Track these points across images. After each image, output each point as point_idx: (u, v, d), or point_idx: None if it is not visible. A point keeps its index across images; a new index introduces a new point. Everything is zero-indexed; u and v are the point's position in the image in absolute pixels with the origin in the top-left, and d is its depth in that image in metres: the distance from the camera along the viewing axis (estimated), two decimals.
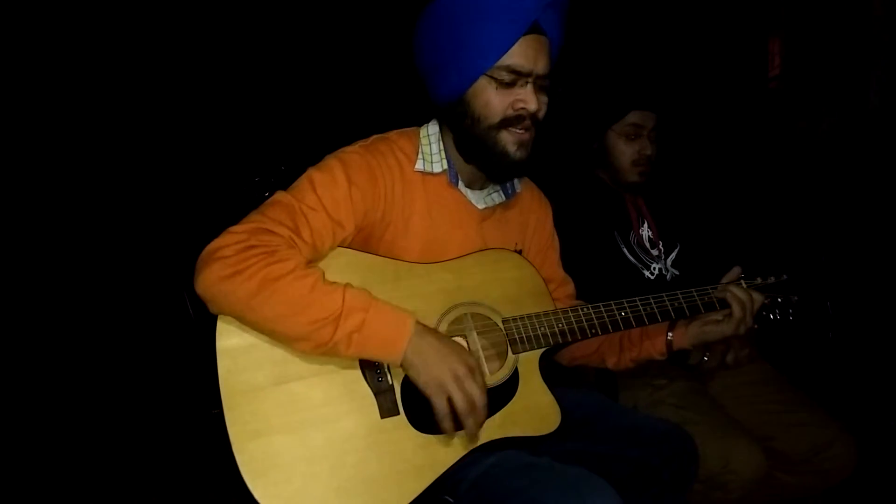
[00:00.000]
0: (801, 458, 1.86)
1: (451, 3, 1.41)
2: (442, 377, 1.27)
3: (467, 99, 1.44)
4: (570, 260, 1.79)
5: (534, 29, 1.41)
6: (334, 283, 1.28)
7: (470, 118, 1.45)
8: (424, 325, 1.31)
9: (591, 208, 2.09)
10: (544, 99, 1.46)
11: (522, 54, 1.40)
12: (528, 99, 1.42)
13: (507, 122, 1.44)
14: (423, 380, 1.28)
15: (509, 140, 1.45)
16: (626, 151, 2.11)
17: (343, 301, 1.25)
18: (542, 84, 1.45)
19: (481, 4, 1.38)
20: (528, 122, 1.45)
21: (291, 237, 1.30)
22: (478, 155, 1.49)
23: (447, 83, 1.45)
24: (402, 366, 1.29)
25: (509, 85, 1.42)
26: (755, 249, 3.10)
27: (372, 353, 1.29)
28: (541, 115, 1.46)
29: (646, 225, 2.14)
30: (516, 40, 1.39)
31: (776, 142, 3.63)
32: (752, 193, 3.58)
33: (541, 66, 1.43)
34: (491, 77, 1.41)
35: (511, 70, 1.40)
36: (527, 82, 1.42)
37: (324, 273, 1.30)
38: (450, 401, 1.27)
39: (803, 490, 1.92)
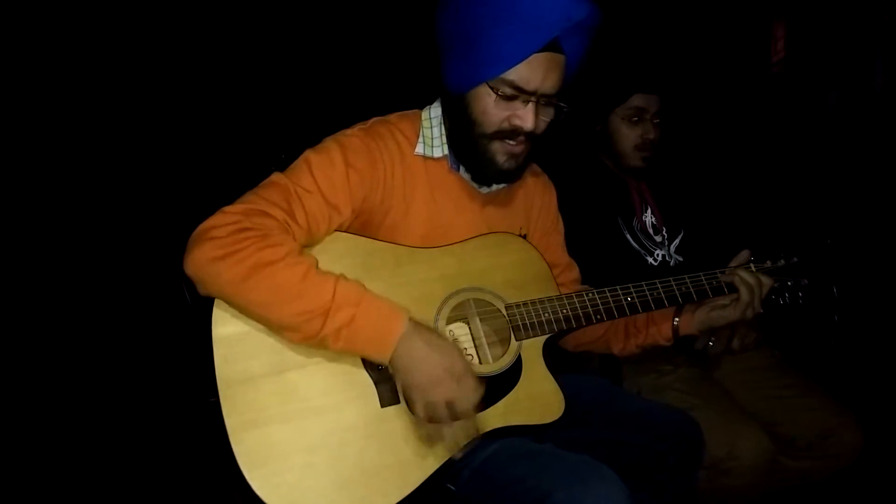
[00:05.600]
0: (807, 443, 1.85)
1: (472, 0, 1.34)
2: (418, 378, 1.22)
3: (467, 99, 1.39)
4: (573, 246, 1.76)
5: (551, 46, 1.33)
6: (327, 273, 1.25)
7: (466, 118, 1.40)
8: (418, 324, 1.25)
9: (594, 194, 2.07)
10: (546, 117, 1.41)
11: (530, 71, 1.33)
12: (525, 118, 1.37)
13: (500, 134, 1.39)
14: (404, 383, 1.25)
15: (500, 150, 1.41)
16: (628, 135, 2.07)
17: (334, 294, 1.21)
18: (547, 101, 1.39)
19: (499, 9, 1.30)
20: (522, 137, 1.40)
21: (286, 220, 1.27)
22: (465, 154, 1.46)
23: (453, 74, 1.41)
24: (389, 366, 1.25)
25: (510, 99, 1.36)
26: (760, 234, 3.07)
27: (360, 351, 1.25)
28: (538, 132, 1.41)
29: (649, 211, 2.11)
30: (528, 56, 1.32)
31: (780, 126, 3.60)
32: (756, 178, 3.55)
33: (548, 86, 1.36)
34: (492, 87, 1.36)
35: (514, 86, 1.34)
36: (528, 100, 1.36)
37: (317, 262, 1.26)
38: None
39: (809, 475, 1.91)
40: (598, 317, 1.47)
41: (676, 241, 2.11)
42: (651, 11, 3.59)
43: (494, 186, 1.54)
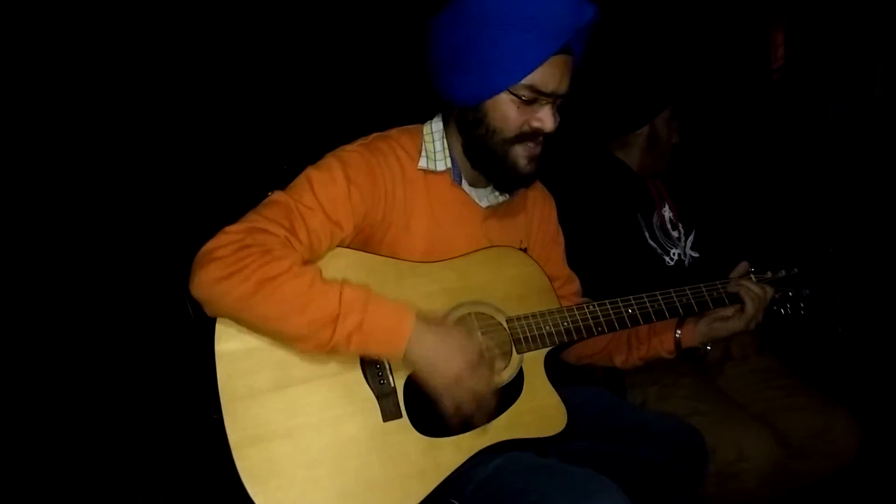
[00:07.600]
0: (801, 441, 1.85)
1: (482, 8, 1.35)
2: (444, 376, 1.25)
3: (485, 109, 1.41)
4: (592, 247, 1.77)
5: (562, 49, 1.37)
6: (332, 280, 1.26)
7: (485, 128, 1.42)
8: (427, 319, 1.27)
9: (615, 191, 2.08)
10: (560, 117, 1.45)
11: (549, 75, 1.37)
12: (546, 119, 1.40)
13: (521, 138, 1.42)
14: (427, 380, 1.26)
15: (521, 154, 1.43)
16: (667, 139, 2.13)
17: (340, 300, 1.22)
18: (562, 102, 1.43)
19: (515, 18, 1.32)
20: (540, 138, 1.43)
21: (287, 237, 1.27)
22: (486, 163, 1.47)
23: (464, 87, 1.41)
24: (405, 363, 1.27)
25: (530, 103, 1.39)
26: (764, 243, 3.07)
27: (373, 352, 1.27)
28: (553, 131, 1.45)
29: (667, 206, 2.13)
30: (545, 60, 1.35)
31: (781, 133, 3.60)
32: (758, 186, 3.56)
33: (563, 87, 1.40)
34: (513, 94, 1.38)
35: (534, 90, 1.38)
36: (547, 102, 1.40)
37: (321, 271, 1.27)
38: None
39: (807, 475, 1.90)
40: (599, 329, 1.47)
41: (692, 237, 2.12)
42: (651, 17, 3.61)
43: (495, 200, 1.55)
